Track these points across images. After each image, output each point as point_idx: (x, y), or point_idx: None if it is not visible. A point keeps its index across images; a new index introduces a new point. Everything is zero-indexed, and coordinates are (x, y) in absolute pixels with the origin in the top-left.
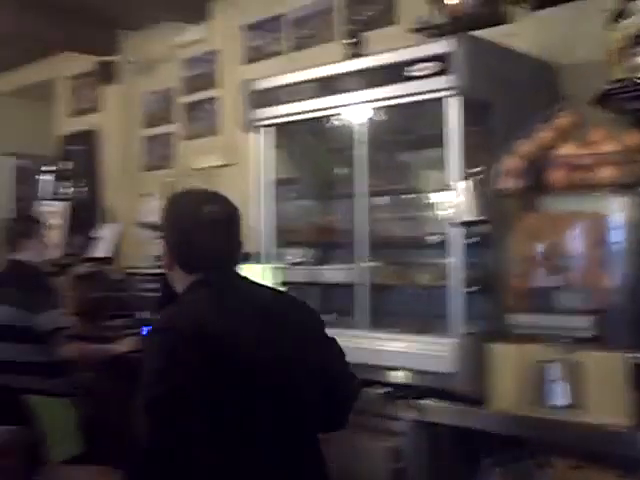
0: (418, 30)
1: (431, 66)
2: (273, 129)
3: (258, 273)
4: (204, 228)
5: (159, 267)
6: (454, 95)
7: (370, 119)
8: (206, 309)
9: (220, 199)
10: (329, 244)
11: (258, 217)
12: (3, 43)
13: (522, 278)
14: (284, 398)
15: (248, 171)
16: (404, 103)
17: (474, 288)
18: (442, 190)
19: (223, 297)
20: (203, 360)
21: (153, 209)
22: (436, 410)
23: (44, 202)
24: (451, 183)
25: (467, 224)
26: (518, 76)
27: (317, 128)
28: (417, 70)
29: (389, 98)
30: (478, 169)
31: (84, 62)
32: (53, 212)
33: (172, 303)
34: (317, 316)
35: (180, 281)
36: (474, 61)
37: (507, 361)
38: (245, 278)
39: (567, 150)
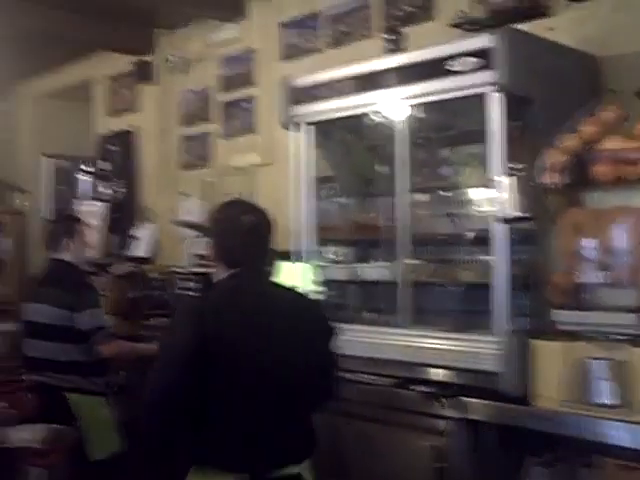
0: (458, 25)
1: (472, 61)
2: (312, 127)
3: (298, 271)
4: (241, 233)
5: (201, 265)
6: (496, 90)
7: (410, 115)
8: (223, 297)
9: (256, 210)
10: (368, 242)
11: (298, 215)
12: (42, 45)
13: (567, 274)
14: (269, 377)
15: (285, 169)
16: (445, 99)
17: (518, 285)
18: (483, 186)
19: (241, 290)
20: (206, 334)
21: (191, 208)
22: (480, 408)
23: (83, 202)
24: (493, 179)
25: (510, 220)
26: (560, 69)
27: (355, 125)
28: (458, 65)
29: (429, 94)
30: (520, 165)
31: (122, 62)
32: (92, 212)
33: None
34: (318, 313)
35: (220, 273)
36: (515, 55)
37: (552, 359)
38: (266, 275)
39: (612, 144)
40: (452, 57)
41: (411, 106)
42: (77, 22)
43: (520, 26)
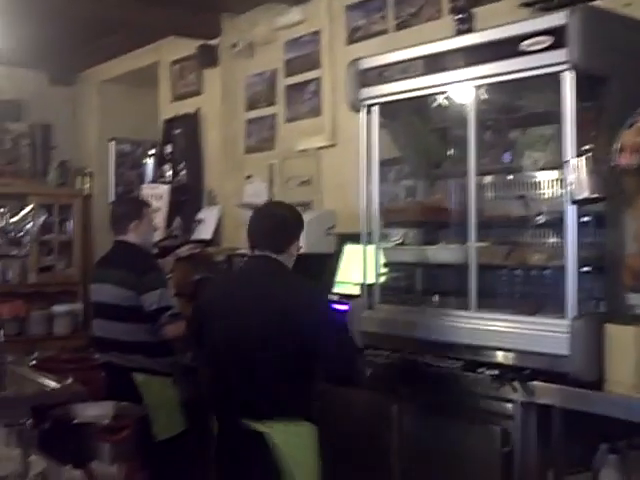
0: (529, 4)
1: (544, 40)
2: (379, 109)
3: (364, 253)
4: (251, 224)
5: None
6: (568, 69)
7: (479, 97)
8: (221, 276)
9: (274, 206)
10: (436, 224)
11: (365, 197)
12: (108, 31)
13: None
14: (232, 346)
15: (348, 152)
16: (515, 79)
17: (588, 268)
18: (552, 168)
19: (239, 272)
20: (197, 306)
21: (256, 191)
22: (550, 392)
23: (148, 185)
24: (565, 160)
25: (581, 201)
26: (638, 46)
27: (423, 107)
28: (530, 45)
29: (500, 74)
30: (592, 145)
31: (187, 46)
32: (156, 195)
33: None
34: (304, 300)
35: None
36: (590, 33)
37: (625, 343)
38: (267, 259)
39: None
40: (524, 36)
41: (480, 87)
42: (143, 7)
43: (595, 3)
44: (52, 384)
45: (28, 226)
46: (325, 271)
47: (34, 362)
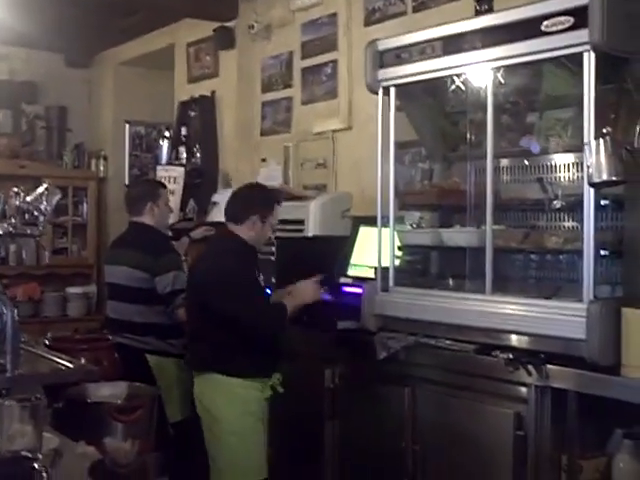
0: None
1: (566, 20)
2: (397, 90)
3: (379, 236)
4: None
5: (280, 230)
6: (589, 50)
7: (497, 79)
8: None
9: (244, 186)
10: (450, 207)
11: (382, 180)
12: (125, 13)
13: None
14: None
15: (364, 134)
16: (535, 60)
17: (606, 252)
18: (570, 151)
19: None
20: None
21: (272, 174)
22: (565, 376)
23: (161, 167)
24: (584, 143)
25: (599, 184)
26: None
27: (441, 89)
28: (551, 25)
29: (520, 55)
30: (611, 128)
31: (203, 28)
32: (172, 177)
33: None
34: (211, 264)
35: None
36: (611, 13)
37: None
38: (221, 236)
39: None
40: (545, 16)
41: (499, 69)
42: None
43: None
44: (66, 363)
45: (42, 205)
46: (340, 254)
47: (48, 342)
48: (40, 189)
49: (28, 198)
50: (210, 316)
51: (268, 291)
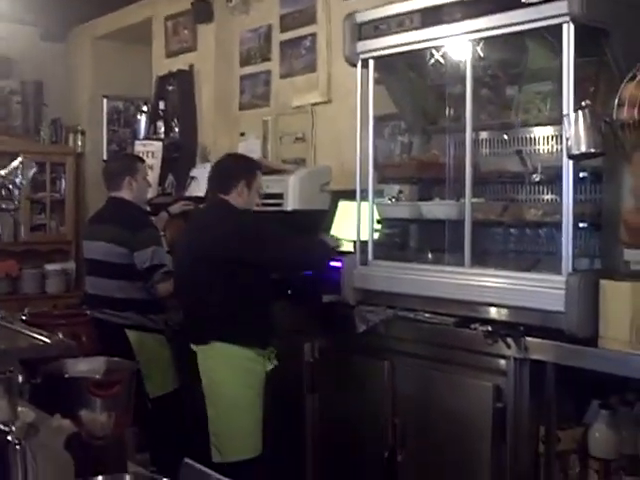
0: None
1: None
2: (377, 62)
3: (358, 209)
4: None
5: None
6: (568, 22)
7: (476, 51)
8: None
9: (224, 157)
10: (429, 180)
11: (361, 153)
12: None
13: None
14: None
15: (343, 107)
16: (514, 32)
17: (585, 224)
18: (549, 124)
19: (196, 216)
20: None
21: (250, 148)
22: (543, 348)
23: (140, 142)
24: (563, 115)
25: (577, 156)
26: None
27: (419, 62)
28: None
29: (498, 27)
30: (591, 101)
31: (181, 2)
32: (150, 152)
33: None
34: (225, 223)
35: None
36: None
37: (620, 299)
38: (216, 204)
39: None
40: None
41: (478, 42)
42: None
43: None
44: (43, 339)
45: (18, 179)
46: (319, 227)
47: (25, 317)
48: (15, 163)
49: (2, 172)
50: (221, 282)
51: None
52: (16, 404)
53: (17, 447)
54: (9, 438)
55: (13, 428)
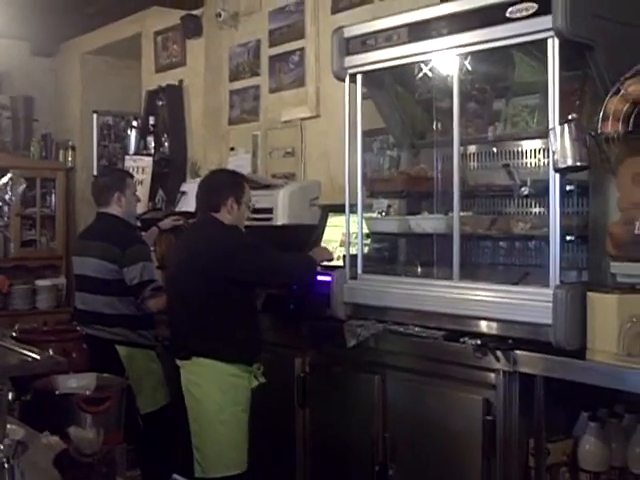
0: None
1: (530, 6)
2: (365, 77)
3: (347, 223)
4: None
5: (253, 219)
6: (553, 37)
7: (463, 65)
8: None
9: (211, 173)
10: (418, 194)
11: (349, 167)
12: (90, 1)
13: (626, 226)
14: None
15: (332, 122)
16: (500, 47)
17: (572, 237)
18: (536, 137)
19: (187, 233)
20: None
21: (240, 162)
22: (531, 361)
23: (130, 157)
24: (549, 128)
25: (564, 170)
26: (625, 14)
27: (408, 76)
28: (515, 11)
29: (484, 42)
30: (576, 114)
31: (170, 17)
32: (139, 167)
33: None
34: (212, 247)
35: None
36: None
37: (609, 312)
38: (206, 221)
39: None
40: (510, 3)
41: (465, 56)
42: None
43: None
44: (33, 355)
45: (7, 195)
46: (309, 242)
47: (15, 334)
48: (4, 179)
49: None
50: (206, 298)
51: None
52: (5, 422)
53: (5, 465)
54: None
55: (1, 446)
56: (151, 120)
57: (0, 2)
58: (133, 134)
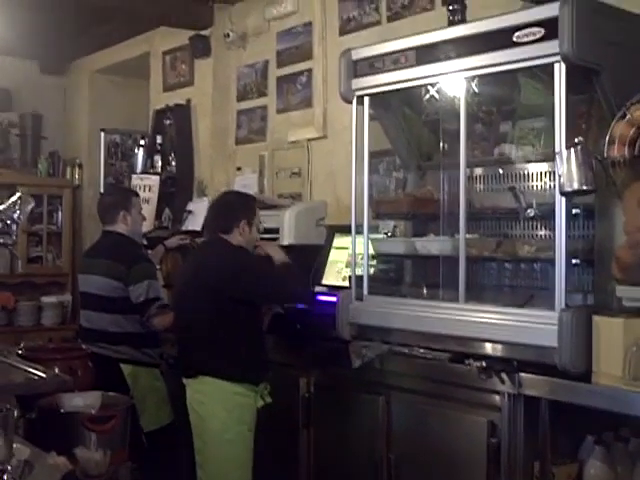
0: None
1: (537, 31)
2: (372, 99)
3: (353, 244)
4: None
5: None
6: (559, 61)
7: (470, 88)
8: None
9: (222, 194)
10: (424, 216)
11: (356, 189)
12: (100, 20)
13: (631, 249)
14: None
15: (339, 143)
16: (507, 71)
17: (578, 260)
18: (542, 160)
19: (195, 252)
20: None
21: (246, 182)
22: (537, 384)
23: (137, 176)
24: (555, 152)
25: (570, 193)
26: (631, 38)
27: (415, 98)
28: (522, 36)
29: (492, 65)
30: (582, 138)
31: (179, 37)
32: (145, 186)
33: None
34: (220, 269)
35: None
36: (582, 24)
37: (614, 335)
38: (215, 241)
39: None
40: (517, 27)
41: (472, 79)
42: None
43: None
44: (39, 373)
45: (16, 214)
46: (315, 262)
47: (21, 352)
48: (13, 198)
49: (0, 207)
50: (213, 317)
51: None
52: (12, 442)
53: None
54: (5, 477)
55: (9, 467)
56: (158, 139)
57: (10, 20)
58: (140, 153)
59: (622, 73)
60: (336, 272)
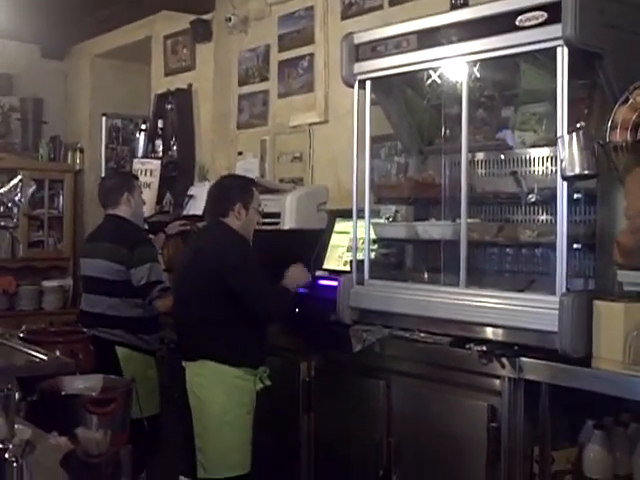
0: None
1: (539, 15)
2: (373, 84)
3: (354, 229)
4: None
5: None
6: (562, 45)
7: (472, 73)
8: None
9: (221, 178)
10: (425, 200)
11: (358, 173)
12: (101, 4)
13: (633, 234)
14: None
15: (340, 127)
16: (510, 55)
17: (579, 245)
18: (544, 145)
19: (195, 236)
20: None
21: (248, 167)
22: (537, 368)
23: (138, 160)
24: (557, 137)
25: (571, 178)
26: (635, 23)
27: (417, 83)
28: (525, 20)
29: (494, 50)
30: (585, 123)
31: (180, 21)
32: (147, 170)
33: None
34: (217, 253)
35: None
36: (584, 9)
37: (613, 319)
38: (214, 225)
39: None
40: (520, 11)
41: (474, 63)
42: None
43: None
44: (40, 356)
45: (17, 197)
46: (316, 247)
47: (22, 335)
48: (14, 181)
49: (1, 190)
50: (212, 301)
51: None
52: (13, 422)
53: (14, 464)
54: (6, 455)
55: (10, 446)
56: (160, 123)
57: (11, 5)
58: (141, 137)
59: (625, 57)
60: (337, 257)
